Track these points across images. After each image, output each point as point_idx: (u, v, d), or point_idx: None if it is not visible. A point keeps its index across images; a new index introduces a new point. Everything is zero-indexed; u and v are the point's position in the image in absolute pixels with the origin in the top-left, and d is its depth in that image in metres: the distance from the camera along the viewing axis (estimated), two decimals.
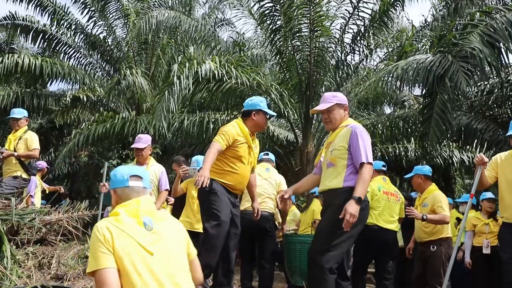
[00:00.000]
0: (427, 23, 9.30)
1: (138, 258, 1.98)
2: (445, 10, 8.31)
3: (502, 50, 6.40)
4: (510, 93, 8.25)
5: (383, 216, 4.67)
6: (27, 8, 11.06)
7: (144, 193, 2.21)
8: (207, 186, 3.41)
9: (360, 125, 3.34)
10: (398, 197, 5.01)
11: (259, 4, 8.70)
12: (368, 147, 3.19)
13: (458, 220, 6.59)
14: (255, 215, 4.02)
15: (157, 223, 2.13)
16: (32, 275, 3.45)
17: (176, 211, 5.39)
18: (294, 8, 8.31)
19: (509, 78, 8.16)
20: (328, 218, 3.17)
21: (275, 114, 3.87)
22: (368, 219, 3.59)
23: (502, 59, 6.53)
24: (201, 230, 4.18)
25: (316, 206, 6.04)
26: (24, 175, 5.68)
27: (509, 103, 8.50)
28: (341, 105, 3.41)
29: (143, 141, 5.23)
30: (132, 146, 5.42)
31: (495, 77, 8.19)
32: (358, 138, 3.18)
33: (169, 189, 5.20)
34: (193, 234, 4.42)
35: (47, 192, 7.20)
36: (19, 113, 5.90)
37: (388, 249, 4.77)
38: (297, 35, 8.69)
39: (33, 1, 10.99)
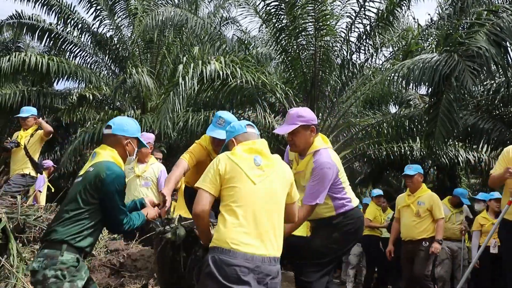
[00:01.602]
0: (433, 22, 9.26)
1: (242, 186, 2.37)
2: (451, 9, 8.26)
3: (509, 49, 6.38)
4: None
5: None
6: (34, 7, 11.11)
7: (258, 138, 2.65)
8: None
9: (325, 154, 3.09)
10: None
11: (265, 2, 8.70)
12: (322, 187, 3.01)
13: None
14: None
15: (266, 162, 2.49)
16: None
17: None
18: (298, 6, 8.29)
19: None
20: (322, 237, 3.15)
21: (214, 135, 3.43)
22: None
23: (509, 58, 6.50)
24: None
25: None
26: (33, 173, 5.70)
27: None
28: (306, 126, 3.10)
29: (144, 138, 5.25)
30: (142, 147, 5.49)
31: (501, 76, 8.15)
32: (316, 176, 3.02)
33: None
34: None
35: (52, 190, 7.24)
36: (27, 111, 5.92)
37: None
38: (302, 34, 8.68)
39: (39, 0, 11.04)
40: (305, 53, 8.91)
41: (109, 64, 12.11)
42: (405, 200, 5.25)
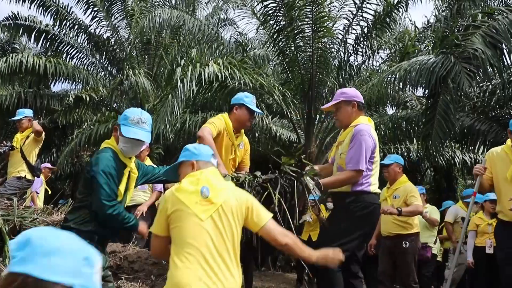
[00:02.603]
0: (429, 24, 9.30)
1: (189, 224, 2.16)
2: (447, 11, 8.30)
3: (504, 51, 6.40)
4: None
5: None
6: (30, 8, 11.06)
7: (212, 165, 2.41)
8: None
9: (366, 126, 3.20)
10: None
11: (263, 4, 8.71)
12: (362, 152, 3.06)
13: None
14: None
15: (214, 193, 2.23)
16: None
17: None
18: (296, 8, 8.30)
19: (511, 79, 8.15)
20: (335, 221, 3.22)
21: (258, 110, 3.71)
22: None
23: (504, 60, 6.53)
24: None
25: None
26: (29, 176, 5.69)
27: (511, 104, 8.49)
28: (348, 102, 3.27)
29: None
30: None
31: (497, 78, 8.18)
32: (355, 142, 3.10)
33: (162, 191, 5.22)
34: None
35: (49, 193, 7.22)
36: (20, 113, 5.93)
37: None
38: (299, 35, 8.68)
39: (35, 1, 11.00)
40: (303, 54, 8.92)
41: (106, 66, 12.09)
42: (384, 193, 5.07)
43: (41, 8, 11.11)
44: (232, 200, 2.25)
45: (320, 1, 8.23)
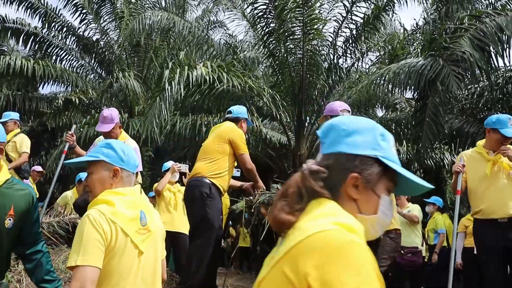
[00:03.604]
0: (418, 27, 9.38)
1: (126, 260, 1.79)
2: (436, 14, 8.38)
3: (492, 53, 6.46)
4: (500, 96, 8.34)
5: None
6: (18, 10, 10.96)
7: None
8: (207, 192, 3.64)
9: None
10: None
11: (253, 6, 8.72)
12: None
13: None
14: None
15: (149, 218, 1.92)
16: (23, 280, 3.43)
17: None
18: (287, 11, 8.33)
19: (498, 81, 8.24)
20: None
21: (252, 124, 4.02)
22: None
23: (492, 62, 6.59)
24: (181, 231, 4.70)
25: None
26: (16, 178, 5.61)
27: (499, 106, 8.58)
28: (325, 117, 3.59)
29: (108, 120, 3.98)
30: (96, 129, 4.24)
31: (485, 81, 8.27)
32: None
33: None
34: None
35: (37, 196, 7.13)
36: (5, 116, 5.86)
37: None
38: (290, 37, 8.71)
39: (24, 4, 10.91)
40: (293, 56, 8.94)
41: (95, 68, 12.02)
42: None
43: (29, 10, 11.02)
44: (159, 226, 2.00)
45: (311, 3, 8.27)
